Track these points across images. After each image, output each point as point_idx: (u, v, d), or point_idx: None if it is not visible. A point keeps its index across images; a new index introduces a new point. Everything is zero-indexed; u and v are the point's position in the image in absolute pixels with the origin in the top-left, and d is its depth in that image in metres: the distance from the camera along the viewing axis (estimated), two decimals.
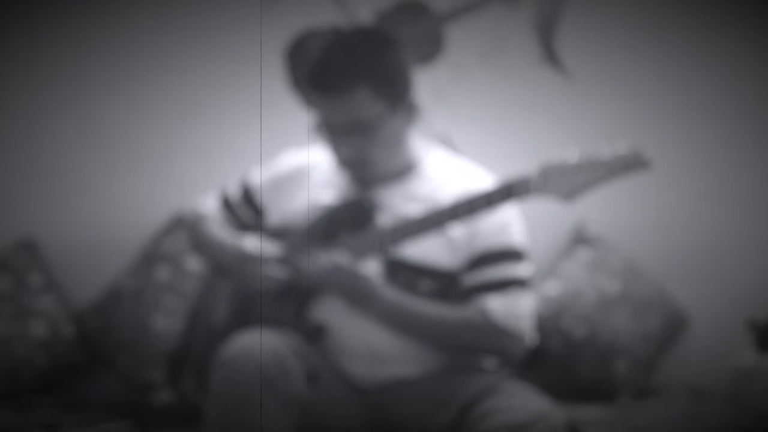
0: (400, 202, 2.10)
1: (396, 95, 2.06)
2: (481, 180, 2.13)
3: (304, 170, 2.22)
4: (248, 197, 2.28)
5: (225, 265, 2.22)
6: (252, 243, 2.15)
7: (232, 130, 3.23)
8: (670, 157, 2.84)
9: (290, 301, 2.11)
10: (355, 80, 2.02)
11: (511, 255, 2.08)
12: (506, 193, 1.94)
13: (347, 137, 2.06)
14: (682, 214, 3.28)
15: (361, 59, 2.04)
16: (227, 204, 2.31)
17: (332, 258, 1.99)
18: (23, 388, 2.96)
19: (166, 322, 3.02)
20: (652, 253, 3.25)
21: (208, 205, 2.34)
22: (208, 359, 2.02)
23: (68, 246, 3.18)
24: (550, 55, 3.25)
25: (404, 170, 2.14)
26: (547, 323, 2.99)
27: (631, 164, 1.87)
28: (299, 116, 3.11)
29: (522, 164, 2.23)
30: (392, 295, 2.02)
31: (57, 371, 3.04)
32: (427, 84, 2.16)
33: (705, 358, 3.23)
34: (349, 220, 2.08)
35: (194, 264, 3.04)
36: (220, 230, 2.27)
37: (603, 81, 3.28)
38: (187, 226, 2.40)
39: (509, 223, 2.10)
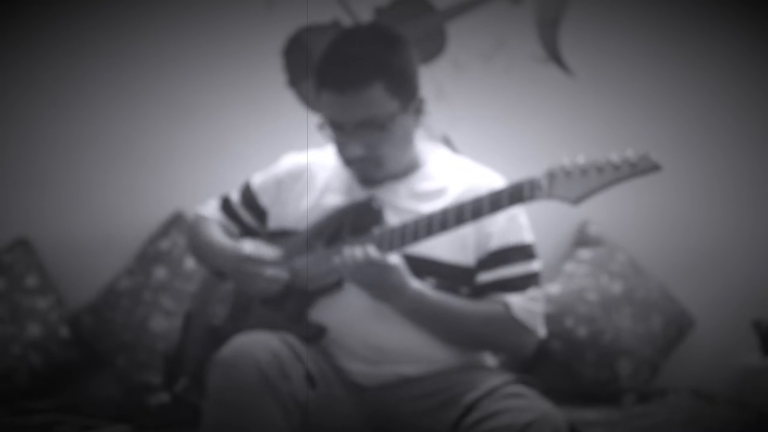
0: (406, 202, 2.09)
1: (408, 93, 2.04)
2: (486, 178, 2.12)
3: (306, 173, 2.20)
4: (250, 200, 2.27)
5: (222, 268, 2.20)
6: (250, 246, 2.13)
7: (229, 131, 3.22)
8: (672, 157, 2.81)
9: (290, 303, 2.10)
10: (371, 76, 1.99)
11: (524, 251, 2.08)
12: (514, 195, 1.91)
13: (359, 136, 2.02)
14: (684, 214, 3.28)
15: (374, 55, 2.01)
16: (229, 207, 2.29)
17: (364, 249, 1.96)
18: (19, 390, 2.95)
19: (165, 322, 3.01)
20: (655, 254, 3.25)
21: (210, 209, 2.33)
22: (205, 361, 2.00)
23: (64, 246, 3.17)
24: (553, 54, 3.24)
25: (409, 169, 2.12)
26: (549, 323, 2.97)
27: (640, 167, 1.84)
28: (302, 119, 3.13)
29: (522, 163, 2.21)
30: (420, 287, 2.00)
31: (53, 372, 3.02)
32: (427, 82, 2.14)
33: (708, 359, 3.22)
34: (356, 222, 2.06)
35: (192, 264, 3.03)
36: (219, 233, 2.25)
37: (605, 81, 3.28)
38: (187, 229, 2.36)
39: (518, 219, 2.10)
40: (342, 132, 2.04)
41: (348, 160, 2.07)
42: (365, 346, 2.04)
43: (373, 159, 2.04)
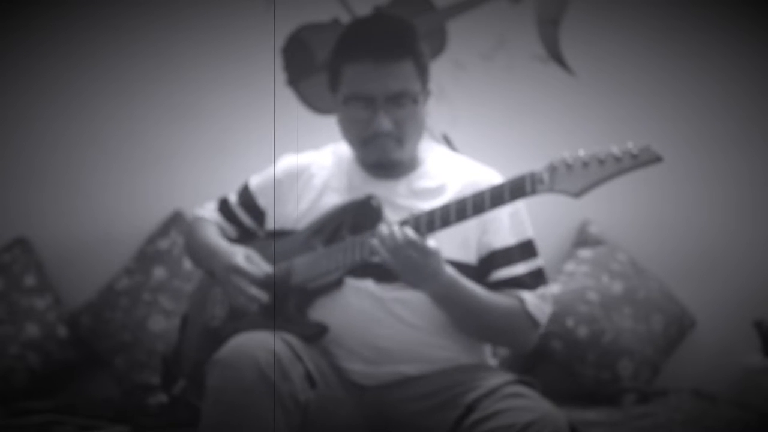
0: (405, 200, 2.08)
1: (425, 78, 2.08)
2: (485, 176, 2.12)
3: (304, 173, 2.20)
4: (248, 200, 2.26)
5: (213, 269, 2.20)
6: (242, 256, 2.12)
7: (229, 131, 3.21)
8: (673, 157, 2.81)
9: (290, 302, 2.09)
10: (405, 50, 2.03)
11: (528, 247, 2.09)
12: (515, 189, 1.90)
13: (389, 109, 2.03)
14: (685, 214, 3.27)
15: (404, 33, 2.06)
16: (227, 208, 2.29)
17: (404, 232, 1.95)
18: (17, 390, 2.94)
19: (164, 322, 3.00)
20: (655, 254, 3.24)
21: (207, 210, 2.33)
22: (203, 363, 1.99)
23: (62, 246, 3.16)
24: (554, 53, 3.23)
25: (409, 168, 2.13)
26: (550, 323, 2.96)
27: (642, 158, 1.83)
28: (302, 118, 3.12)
29: (523, 163, 2.20)
30: (454, 274, 2.00)
31: (51, 372, 3.01)
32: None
33: (708, 360, 3.22)
34: (355, 220, 2.05)
35: (191, 264, 3.02)
36: (214, 234, 2.25)
37: (606, 80, 3.27)
38: (184, 229, 2.35)
39: (520, 215, 2.10)
40: (372, 106, 2.03)
41: (374, 135, 2.05)
42: (365, 346, 2.03)
43: (398, 136, 2.05)
